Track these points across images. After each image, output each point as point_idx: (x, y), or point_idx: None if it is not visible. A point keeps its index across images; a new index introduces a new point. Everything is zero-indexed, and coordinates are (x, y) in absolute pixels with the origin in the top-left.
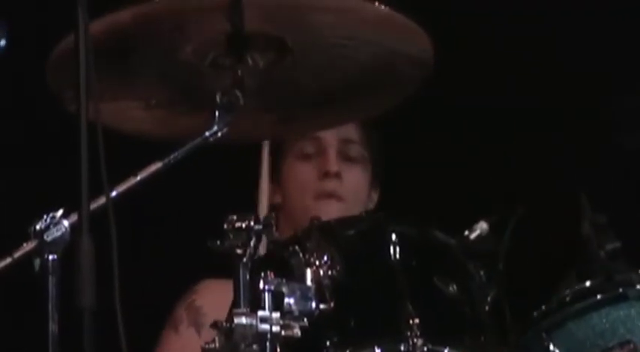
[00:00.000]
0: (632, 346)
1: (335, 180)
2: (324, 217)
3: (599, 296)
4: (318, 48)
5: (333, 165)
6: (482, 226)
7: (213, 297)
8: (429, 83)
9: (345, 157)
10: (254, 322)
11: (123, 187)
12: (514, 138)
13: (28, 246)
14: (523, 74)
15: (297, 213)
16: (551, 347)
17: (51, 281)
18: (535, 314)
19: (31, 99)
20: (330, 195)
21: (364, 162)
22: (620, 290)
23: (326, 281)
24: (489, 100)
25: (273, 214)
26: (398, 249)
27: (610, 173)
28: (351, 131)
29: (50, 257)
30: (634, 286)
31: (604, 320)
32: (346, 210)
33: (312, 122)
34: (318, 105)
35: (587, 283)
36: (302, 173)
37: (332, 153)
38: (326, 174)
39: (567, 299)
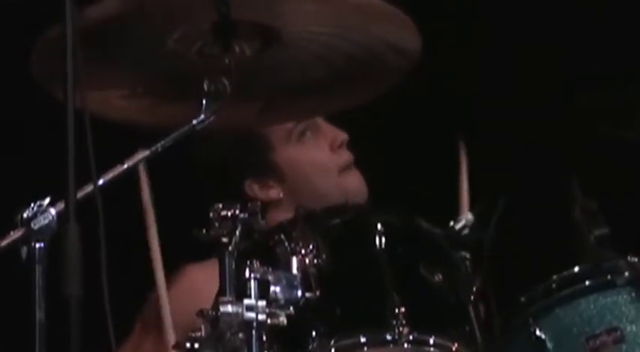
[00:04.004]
0: (618, 333)
1: (347, 149)
2: (354, 190)
3: (587, 283)
4: (304, 36)
5: (342, 133)
6: (467, 216)
7: (191, 288)
8: (414, 73)
9: None
10: (240, 310)
11: (110, 175)
12: (501, 125)
13: (15, 234)
14: (511, 63)
15: (323, 197)
16: (538, 332)
17: (38, 269)
18: (522, 299)
19: (18, 87)
20: (351, 166)
21: None
22: (609, 276)
23: (312, 270)
24: (476, 88)
25: (259, 202)
26: (383, 238)
27: (598, 160)
28: None
29: (37, 245)
30: (622, 273)
31: (591, 307)
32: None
33: (297, 111)
34: (304, 94)
35: (576, 269)
36: (315, 151)
37: (330, 126)
38: (341, 145)
39: (555, 285)
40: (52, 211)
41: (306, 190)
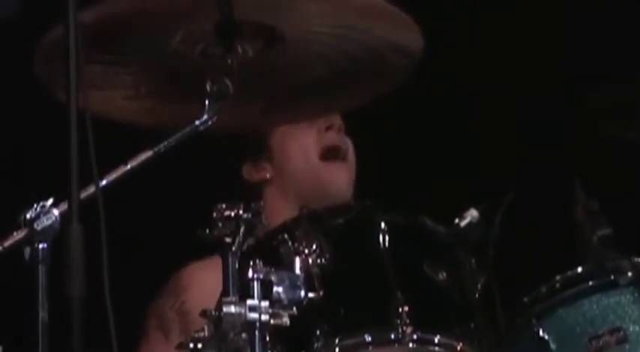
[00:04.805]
0: (621, 333)
1: (338, 134)
2: (333, 182)
3: (590, 283)
4: (307, 37)
5: (336, 119)
6: (472, 214)
7: (202, 291)
8: (416, 72)
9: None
10: (243, 311)
11: (113, 176)
12: (504, 125)
13: (18, 235)
14: (512, 62)
15: (300, 179)
16: (541, 333)
17: (41, 269)
18: (525, 299)
19: (20, 88)
20: (336, 154)
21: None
22: (612, 277)
23: (315, 270)
24: (479, 87)
25: (262, 202)
26: (387, 237)
27: (601, 160)
28: None
29: (40, 246)
30: (625, 273)
31: (594, 307)
32: (350, 176)
33: (299, 111)
34: (306, 94)
35: (579, 269)
36: (301, 133)
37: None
38: (328, 128)
39: (558, 285)
40: (55, 212)
41: (289, 170)
